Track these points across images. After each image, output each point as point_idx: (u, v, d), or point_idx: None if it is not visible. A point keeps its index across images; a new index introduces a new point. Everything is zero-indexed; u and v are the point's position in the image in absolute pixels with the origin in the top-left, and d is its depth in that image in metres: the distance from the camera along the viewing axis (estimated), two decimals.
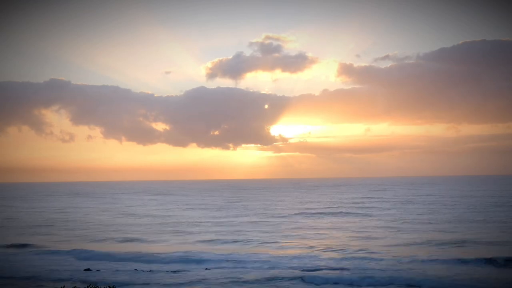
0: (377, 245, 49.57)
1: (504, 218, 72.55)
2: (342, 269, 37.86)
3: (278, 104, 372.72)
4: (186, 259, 43.89)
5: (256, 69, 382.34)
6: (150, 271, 39.08)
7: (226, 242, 55.28)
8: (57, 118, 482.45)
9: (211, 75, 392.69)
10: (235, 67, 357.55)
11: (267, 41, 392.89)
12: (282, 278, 35.59)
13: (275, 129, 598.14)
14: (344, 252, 45.65)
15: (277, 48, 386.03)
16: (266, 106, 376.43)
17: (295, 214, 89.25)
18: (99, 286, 23.52)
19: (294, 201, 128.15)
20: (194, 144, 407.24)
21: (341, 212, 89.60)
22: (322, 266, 39.39)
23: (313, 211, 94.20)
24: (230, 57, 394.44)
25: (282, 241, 54.82)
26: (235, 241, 55.50)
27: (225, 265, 41.25)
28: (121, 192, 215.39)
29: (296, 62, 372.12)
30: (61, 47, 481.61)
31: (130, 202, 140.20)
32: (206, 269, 39.69)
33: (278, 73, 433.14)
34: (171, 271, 38.82)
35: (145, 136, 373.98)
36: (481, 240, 51.31)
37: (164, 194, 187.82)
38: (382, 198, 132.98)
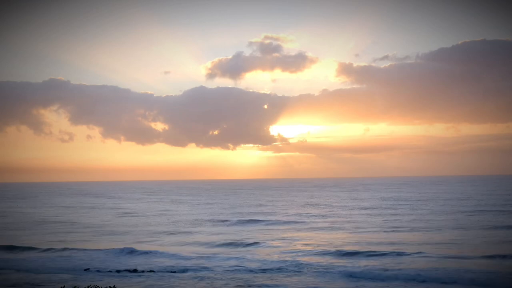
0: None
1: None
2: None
3: (278, 104, 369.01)
4: None
5: (255, 69, 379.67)
6: None
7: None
8: (56, 118, 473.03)
9: (211, 75, 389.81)
10: (235, 67, 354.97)
11: (267, 41, 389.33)
12: None
13: (275, 129, 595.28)
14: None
15: (277, 48, 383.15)
16: (266, 106, 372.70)
17: (213, 221, 75.89)
18: (99, 286, 22.76)
19: (237, 205, 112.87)
20: (193, 144, 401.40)
21: (257, 220, 74.86)
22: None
23: (240, 217, 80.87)
24: (230, 57, 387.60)
25: None
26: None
27: None
28: (79, 194, 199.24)
29: (296, 62, 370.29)
30: (60, 47, 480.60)
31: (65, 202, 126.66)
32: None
33: (278, 73, 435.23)
34: None
35: (144, 136, 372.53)
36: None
37: (112, 197, 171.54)
38: (348, 202, 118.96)
